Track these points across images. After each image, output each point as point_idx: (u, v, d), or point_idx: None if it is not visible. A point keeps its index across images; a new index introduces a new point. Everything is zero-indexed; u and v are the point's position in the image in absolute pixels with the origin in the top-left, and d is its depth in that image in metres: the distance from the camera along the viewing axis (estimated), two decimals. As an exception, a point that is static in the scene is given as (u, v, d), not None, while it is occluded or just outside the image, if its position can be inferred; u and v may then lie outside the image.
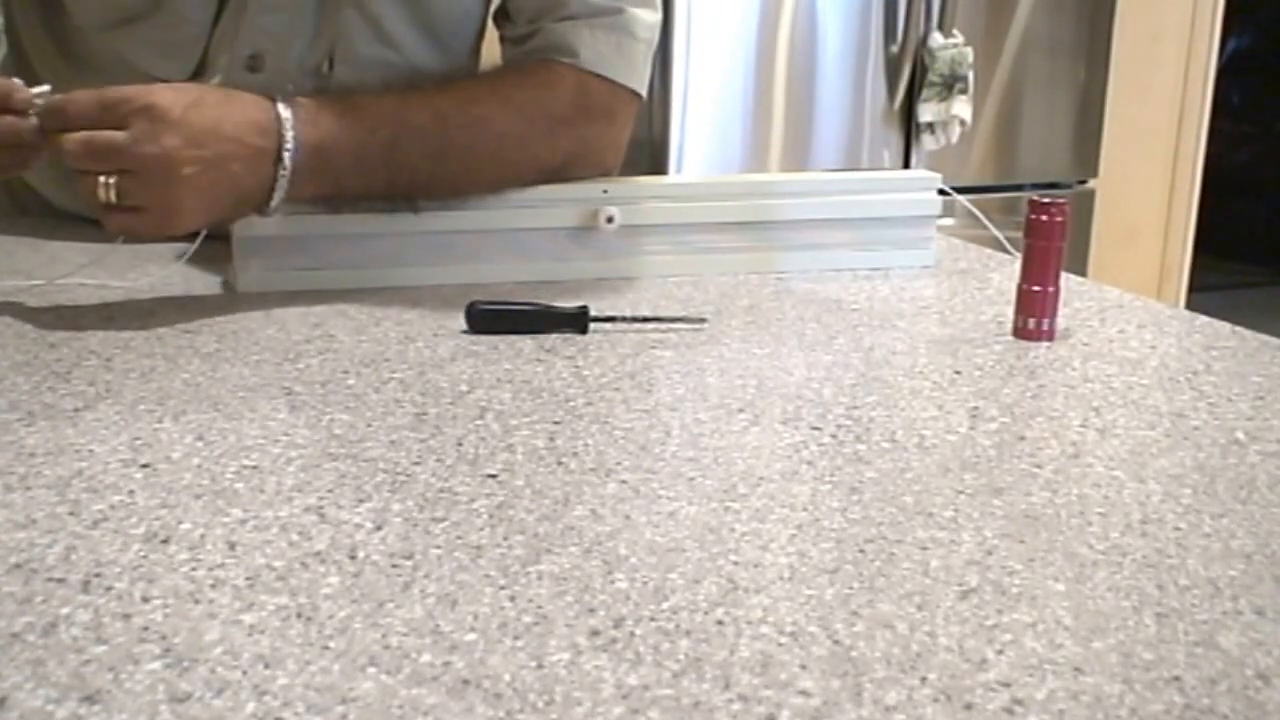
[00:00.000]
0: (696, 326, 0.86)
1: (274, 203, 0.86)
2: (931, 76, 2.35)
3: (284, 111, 0.86)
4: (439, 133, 0.92)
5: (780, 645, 0.47)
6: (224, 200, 0.84)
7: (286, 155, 0.85)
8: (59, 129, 0.81)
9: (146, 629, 0.47)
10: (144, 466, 0.62)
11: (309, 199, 0.89)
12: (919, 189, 1.04)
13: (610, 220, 0.96)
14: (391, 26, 1.01)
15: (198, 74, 1.00)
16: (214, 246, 0.97)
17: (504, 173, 0.96)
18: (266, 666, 0.45)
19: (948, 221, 1.12)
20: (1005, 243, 1.09)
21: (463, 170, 0.94)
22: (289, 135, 0.85)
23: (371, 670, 0.45)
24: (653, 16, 1.02)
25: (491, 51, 1.10)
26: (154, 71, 0.96)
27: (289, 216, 0.91)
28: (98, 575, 0.51)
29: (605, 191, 0.98)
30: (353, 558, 0.53)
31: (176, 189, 0.81)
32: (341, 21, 1.00)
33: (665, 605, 0.49)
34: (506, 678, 0.44)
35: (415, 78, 0.96)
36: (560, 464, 0.63)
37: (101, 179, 0.79)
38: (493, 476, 0.62)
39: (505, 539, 0.55)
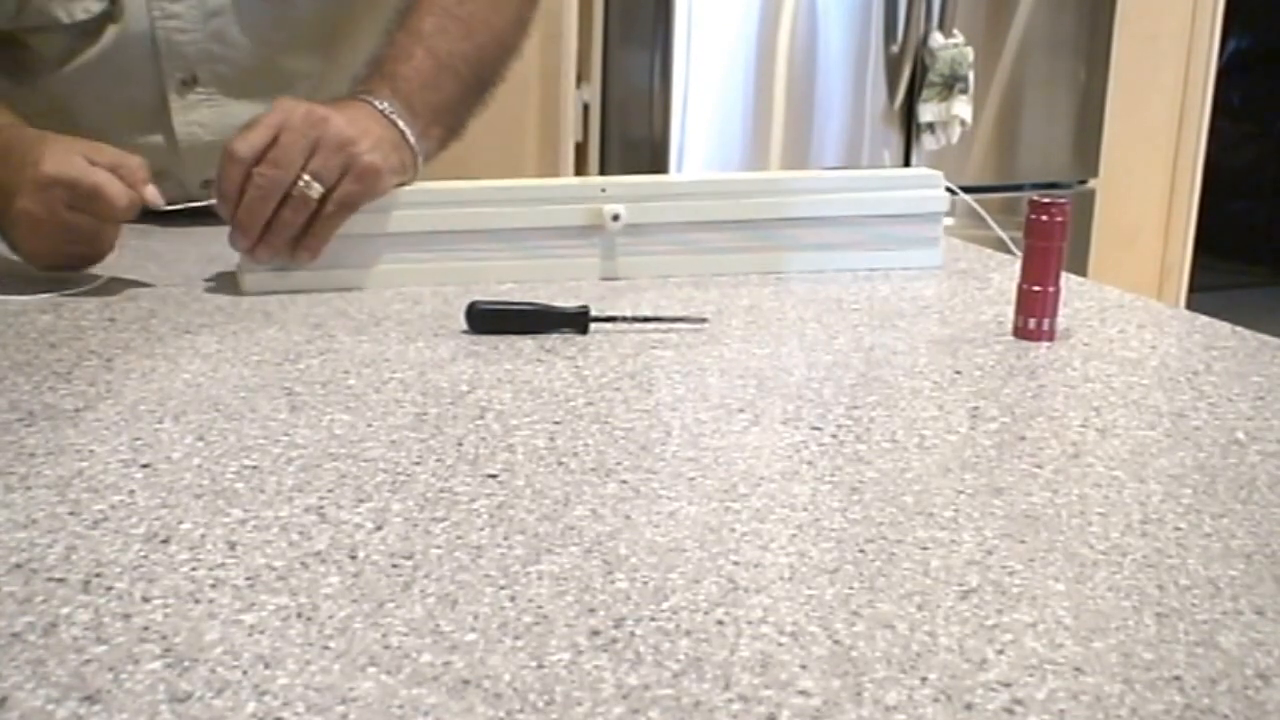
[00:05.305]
0: (697, 326, 0.86)
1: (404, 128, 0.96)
2: (932, 76, 2.35)
3: (381, 104, 0.96)
4: (451, 18, 1.03)
5: (780, 645, 0.47)
6: (384, 137, 0.94)
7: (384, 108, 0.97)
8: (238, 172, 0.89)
9: (147, 629, 0.47)
10: (144, 466, 0.62)
11: (429, 131, 0.99)
12: (924, 186, 1.04)
13: (616, 219, 0.96)
14: None
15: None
16: (214, 248, 0.97)
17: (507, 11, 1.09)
18: (266, 666, 0.45)
19: (948, 221, 1.12)
20: (1009, 243, 1.09)
21: (488, 31, 1.06)
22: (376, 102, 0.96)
23: (371, 670, 0.45)
24: None
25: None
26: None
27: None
28: (98, 575, 0.51)
29: (604, 190, 0.97)
30: (353, 558, 0.53)
31: (352, 140, 0.91)
32: None
33: (665, 605, 0.49)
34: (506, 678, 0.44)
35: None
36: (560, 464, 0.63)
37: (300, 183, 0.89)
38: (493, 476, 0.62)
39: (505, 539, 0.55)
